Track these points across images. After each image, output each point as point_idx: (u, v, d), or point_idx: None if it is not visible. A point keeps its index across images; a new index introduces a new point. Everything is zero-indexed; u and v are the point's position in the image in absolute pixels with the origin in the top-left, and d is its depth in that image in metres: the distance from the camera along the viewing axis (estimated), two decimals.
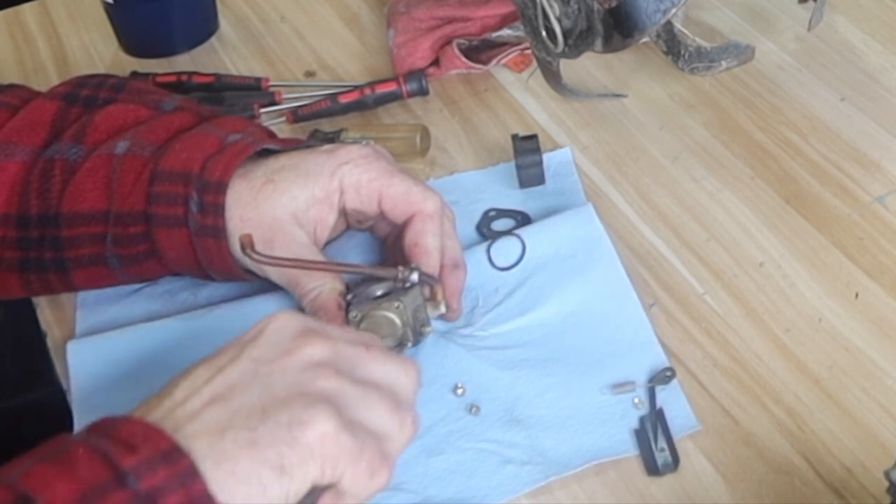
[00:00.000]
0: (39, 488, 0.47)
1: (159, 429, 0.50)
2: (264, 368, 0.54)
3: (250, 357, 0.55)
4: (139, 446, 0.49)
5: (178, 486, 0.48)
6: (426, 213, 0.70)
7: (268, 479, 0.51)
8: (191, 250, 0.70)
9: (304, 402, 0.53)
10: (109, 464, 0.48)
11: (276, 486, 0.51)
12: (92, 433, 0.51)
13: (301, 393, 0.53)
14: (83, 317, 0.76)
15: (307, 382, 0.54)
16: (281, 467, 0.51)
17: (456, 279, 0.70)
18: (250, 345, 0.56)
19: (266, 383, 0.54)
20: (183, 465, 0.49)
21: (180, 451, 0.49)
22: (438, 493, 0.63)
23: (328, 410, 0.53)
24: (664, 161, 0.85)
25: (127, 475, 0.48)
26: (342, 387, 0.55)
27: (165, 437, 0.50)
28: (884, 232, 0.77)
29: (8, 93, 0.76)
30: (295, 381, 0.54)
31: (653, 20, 0.77)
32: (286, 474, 0.51)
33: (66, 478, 0.48)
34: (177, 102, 0.76)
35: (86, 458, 0.49)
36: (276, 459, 0.51)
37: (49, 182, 0.71)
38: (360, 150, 0.71)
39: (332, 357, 0.56)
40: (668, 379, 0.68)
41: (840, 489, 0.63)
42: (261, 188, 0.69)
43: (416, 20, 0.95)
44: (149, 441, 0.49)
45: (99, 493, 0.47)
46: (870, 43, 0.94)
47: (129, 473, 0.48)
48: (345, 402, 0.55)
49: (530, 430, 0.66)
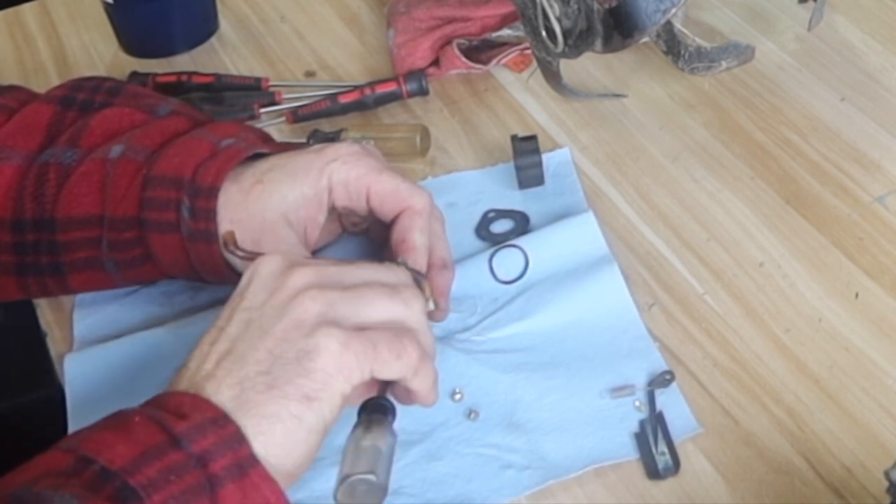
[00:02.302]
0: (100, 450, 0.51)
1: (205, 398, 0.54)
2: (256, 314, 0.57)
3: (243, 308, 0.58)
4: (188, 413, 0.53)
5: (226, 449, 0.52)
6: (414, 209, 0.70)
7: (298, 410, 0.54)
8: (184, 255, 0.69)
9: (304, 332, 0.56)
10: (163, 429, 0.52)
11: (310, 413, 0.54)
12: (145, 406, 0.55)
13: (297, 325, 0.56)
14: (80, 317, 0.76)
15: (298, 311, 0.57)
16: (306, 396, 0.54)
17: (444, 279, 0.70)
18: (241, 297, 0.59)
19: (262, 326, 0.57)
20: (230, 430, 0.53)
21: (227, 418, 0.53)
22: (438, 497, 0.63)
23: (328, 331, 0.56)
24: (664, 161, 0.85)
25: (180, 439, 0.52)
26: (331, 299, 0.58)
27: (211, 406, 0.53)
28: (884, 232, 0.77)
29: (6, 95, 0.76)
30: (286, 313, 0.57)
31: (653, 20, 0.77)
32: (314, 400, 0.54)
33: (124, 441, 0.52)
34: (172, 106, 0.76)
35: (142, 424, 0.52)
36: (297, 391, 0.54)
37: (44, 186, 0.71)
38: (348, 148, 0.71)
39: (315, 278, 0.59)
40: (667, 382, 0.68)
41: (840, 489, 0.63)
42: (250, 189, 0.69)
43: (416, 20, 0.95)
44: (197, 409, 0.53)
45: (155, 453, 0.51)
46: (870, 43, 0.94)
47: (182, 437, 0.52)
48: (340, 312, 0.57)
49: (530, 434, 0.66)
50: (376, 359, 0.57)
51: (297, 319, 0.56)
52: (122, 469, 0.50)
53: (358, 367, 0.56)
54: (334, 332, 0.56)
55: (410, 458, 0.65)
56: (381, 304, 0.59)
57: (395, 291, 0.60)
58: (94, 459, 0.51)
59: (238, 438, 0.53)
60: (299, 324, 0.56)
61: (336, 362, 0.55)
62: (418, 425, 0.67)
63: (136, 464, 0.51)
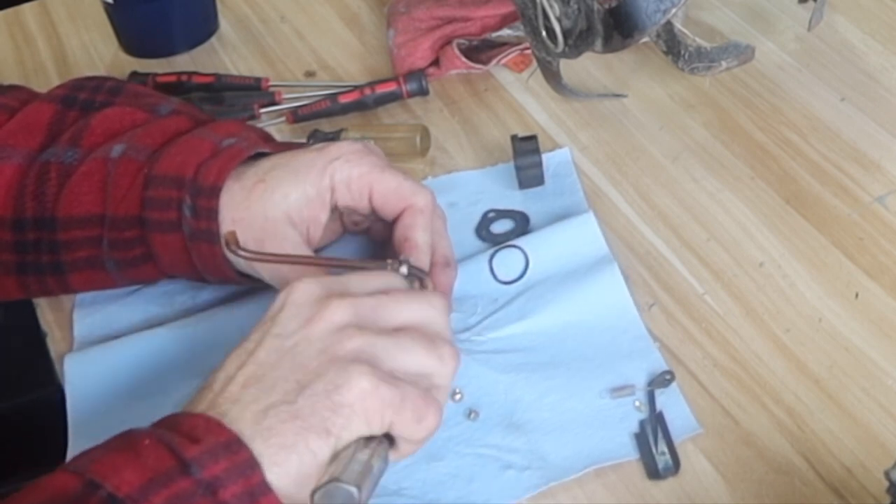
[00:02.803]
0: (107, 475, 0.50)
1: (219, 421, 0.53)
2: (290, 342, 0.56)
3: (274, 334, 0.57)
4: (201, 437, 0.52)
5: (237, 476, 0.51)
6: (417, 207, 0.70)
7: (316, 444, 0.53)
8: (185, 254, 0.69)
9: (338, 367, 0.55)
10: (173, 453, 0.51)
11: (326, 449, 0.54)
12: (157, 427, 0.54)
13: (332, 359, 0.55)
14: (80, 316, 0.76)
15: (336, 348, 0.56)
16: (326, 430, 0.54)
17: (447, 277, 0.70)
18: (273, 322, 0.58)
19: (295, 356, 0.56)
20: (243, 456, 0.52)
21: (240, 443, 0.52)
22: (438, 498, 0.63)
23: (362, 368, 0.55)
24: (664, 161, 0.85)
25: (190, 464, 0.51)
26: (370, 341, 0.57)
27: (225, 430, 0.52)
28: (884, 232, 0.77)
29: (7, 95, 0.76)
30: (322, 348, 0.56)
31: (653, 20, 0.77)
32: (332, 436, 0.54)
33: (132, 465, 0.51)
34: (173, 106, 0.76)
35: (151, 447, 0.52)
36: (320, 424, 0.54)
37: (45, 185, 0.71)
38: (350, 146, 0.71)
39: (353, 315, 0.58)
40: (667, 382, 0.68)
41: (840, 489, 0.63)
42: (252, 188, 0.69)
43: (416, 20, 0.95)
44: (210, 433, 0.52)
45: (163, 480, 0.50)
46: (870, 43, 0.94)
47: (192, 463, 0.51)
48: (377, 355, 0.57)
49: (530, 434, 0.66)
50: (398, 414, 0.56)
51: (332, 354, 0.56)
52: (128, 497, 0.50)
53: (380, 414, 0.55)
54: (367, 372, 0.55)
55: (410, 459, 0.64)
56: (417, 355, 0.58)
57: (433, 346, 0.59)
58: (100, 485, 0.50)
59: (251, 464, 0.52)
60: (334, 359, 0.56)
61: (363, 403, 0.55)
62: None
63: (143, 491, 0.50)
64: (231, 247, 0.65)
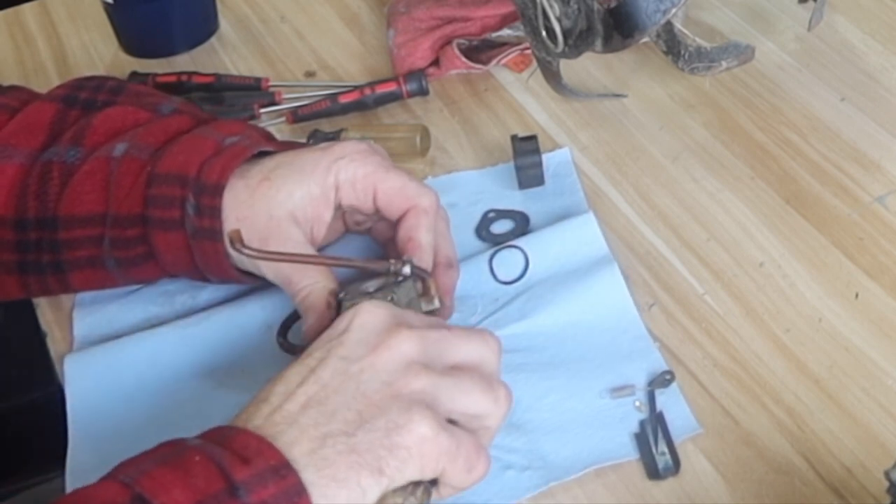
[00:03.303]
0: (157, 491, 0.50)
1: (270, 443, 0.52)
2: (355, 367, 0.56)
3: (339, 356, 0.56)
4: (252, 459, 0.51)
5: (285, 502, 0.51)
6: (421, 207, 0.70)
7: (367, 482, 0.53)
8: (187, 253, 0.69)
9: (400, 406, 0.55)
10: (223, 474, 0.51)
11: (376, 488, 0.53)
12: (207, 440, 0.53)
13: (395, 396, 0.55)
14: (80, 316, 0.76)
15: (400, 384, 0.56)
16: (380, 470, 0.53)
17: (449, 277, 0.70)
18: (337, 342, 0.57)
19: (359, 384, 0.55)
20: (291, 481, 0.51)
21: (289, 467, 0.51)
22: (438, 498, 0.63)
23: (424, 413, 0.55)
24: (664, 161, 0.85)
25: (238, 487, 0.50)
26: (434, 382, 0.56)
27: (276, 452, 0.52)
28: (884, 232, 0.77)
29: (8, 95, 0.76)
30: (388, 381, 0.56)
31: (653, 20, 0.77)
32: (385, 476, 0.53)
33: (182, 484, 0.50)
34: (175, 105, 0.76)
35: (202, 465, 0.51)
36: (374, 463, 0.53)
37: (47, 185, 0.71)
38: (355, 146, 0.71)
39: (421, 350, 0.57)
40: (667, 382, 0.68)
41: (840, 489, 0.63)
42: (257, 186, 0.69)
43: (416, 20, 0.95)
44: (261, 455, 0.51)
45: (212, 502, 0.50)
46: (870, 43, 0.94)
47: (241, 486, 0.50)
48: (439, 397, 0.56)
49: (530, 434, 0.66)
50: (452, 463, 0.55)
51: (396, 391, 0.55)
52: None
53: (436, 461, 0.55)
54: (429, 417, 0.55)
55: None
56: (475, 397, 0.58)
57: (490, 388, 0.59)
58: (149, 501, 0.49)
59: (298, 490, 0.51)
60: (398, 396, 0.55)
61: (420, 448, 0.54)
62: None
63: None
64: (236, 245, 0.65)
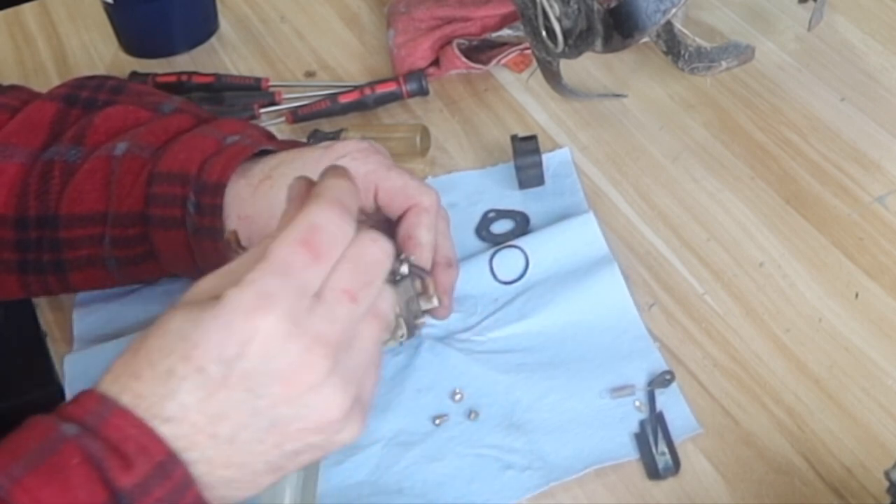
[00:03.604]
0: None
1: (151, 432, 0.47)
2: (264, 402, 0.49)
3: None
4: (134, 460, 0.47)
5: (173, 500, 0.47)
6: (422, 206, 0.69)
7: (267, 480, 0.51)
8: (187, 252, 0.69)
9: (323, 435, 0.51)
10: (105, 482, 0.46)
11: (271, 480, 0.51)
12: (80, 423, 0.48)
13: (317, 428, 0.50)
14: (80, 316, 0.76)
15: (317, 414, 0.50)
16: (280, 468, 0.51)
17: (449, 277, 0.70)
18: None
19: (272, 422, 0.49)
20: (177, 477, 0.48)
21: (175, 460, 0.48)
22: (438, 498, 0.63)
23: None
24: (664, 161, 0.85)
25: (122, 498, 0.46)
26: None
27: (159, 445, 0.47)
28: (884, 232, 0.77)
29: (8, 94, 0.76)
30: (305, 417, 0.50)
31: (653, 20, 0.77)
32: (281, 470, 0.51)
33: (59, 496, 0.46)
34: (176, 104, 0.76)
35: (81, 471, 0.46)
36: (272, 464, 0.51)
37: (48, 184, 0.71)
38: (357, 145, 0.71)
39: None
40: (667, 382, 0.68)
41: (840, 489, 0.63)
42: (259, 185, 0.69)
43: (416, 20, 0.95)
44: (144, 453, 0.47)
45: None
46: (870, 43, 0.94)
47: (125, 496, 0.46)
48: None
49: (530, 434, 0.66)
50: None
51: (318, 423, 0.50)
52: None
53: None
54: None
55: (411, 459, 0.65)
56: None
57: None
58: None
59: (185, 484, 0.48)
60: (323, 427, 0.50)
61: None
62: (418, 426, 0.67)
63: None
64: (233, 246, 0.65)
